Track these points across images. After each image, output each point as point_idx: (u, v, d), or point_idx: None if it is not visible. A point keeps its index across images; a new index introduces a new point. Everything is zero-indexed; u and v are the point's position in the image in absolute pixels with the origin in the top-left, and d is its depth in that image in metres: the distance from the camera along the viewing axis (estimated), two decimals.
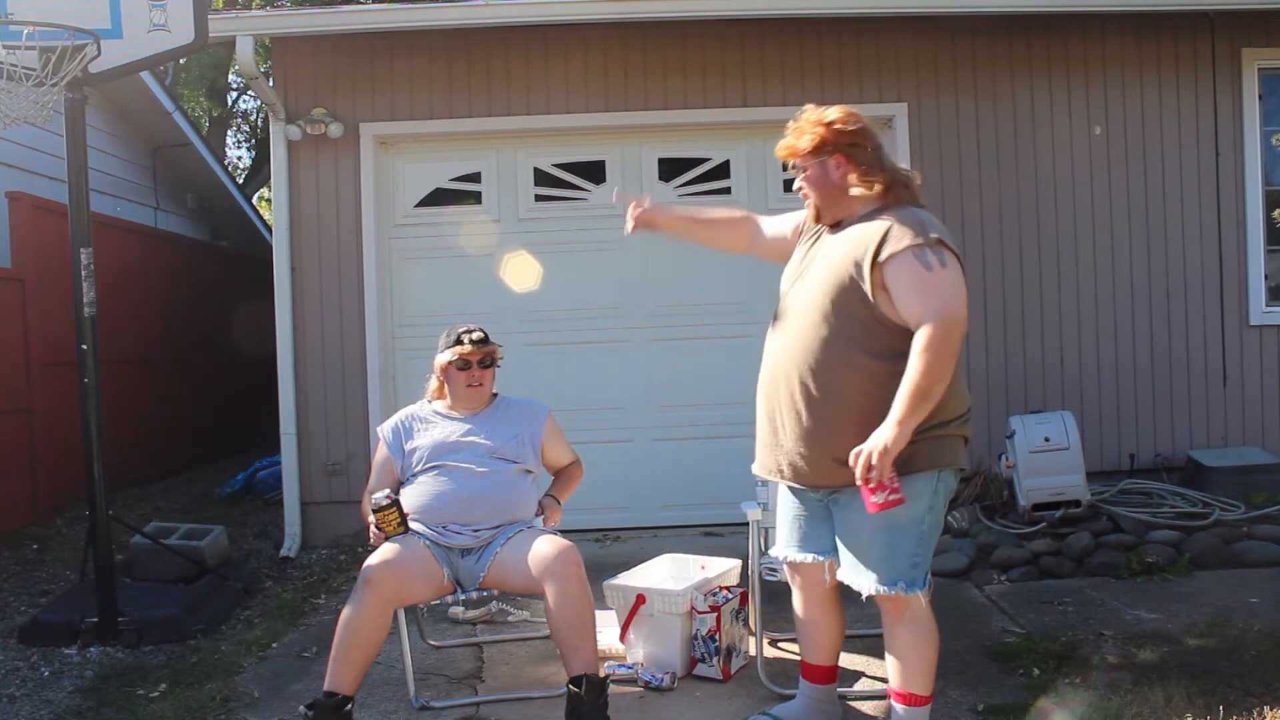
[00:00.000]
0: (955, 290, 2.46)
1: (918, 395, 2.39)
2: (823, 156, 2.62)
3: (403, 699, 3.27)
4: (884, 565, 2.57)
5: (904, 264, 2.46)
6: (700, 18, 5.44)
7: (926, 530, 2.59)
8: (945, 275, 2.45)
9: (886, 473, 2.41)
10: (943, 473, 2.59)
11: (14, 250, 6.15)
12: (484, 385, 3.42)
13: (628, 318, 5.81)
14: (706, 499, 5.56)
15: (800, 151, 2.64)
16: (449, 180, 5.85)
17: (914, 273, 2.45)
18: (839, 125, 2.59)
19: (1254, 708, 2.92)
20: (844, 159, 2.60)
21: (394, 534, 3.11)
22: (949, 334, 2.40)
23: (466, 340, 3.37)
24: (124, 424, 6.62)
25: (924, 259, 2.45)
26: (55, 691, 3.62)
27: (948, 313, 2.41)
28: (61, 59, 3.85)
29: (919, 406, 2.40)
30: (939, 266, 2.45)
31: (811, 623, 2.92)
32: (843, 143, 2.59)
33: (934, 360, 2.38)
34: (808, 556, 2.78)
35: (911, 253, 2.45)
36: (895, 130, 5.67)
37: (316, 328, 5.63)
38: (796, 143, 2.65)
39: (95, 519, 4.11)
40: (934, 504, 2.58)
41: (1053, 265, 5.69)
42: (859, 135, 2.60)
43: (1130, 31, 5.69)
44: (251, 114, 17.13)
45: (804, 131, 2.63)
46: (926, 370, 2.38)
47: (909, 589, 2.56)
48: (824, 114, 2.62)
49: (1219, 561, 4.54)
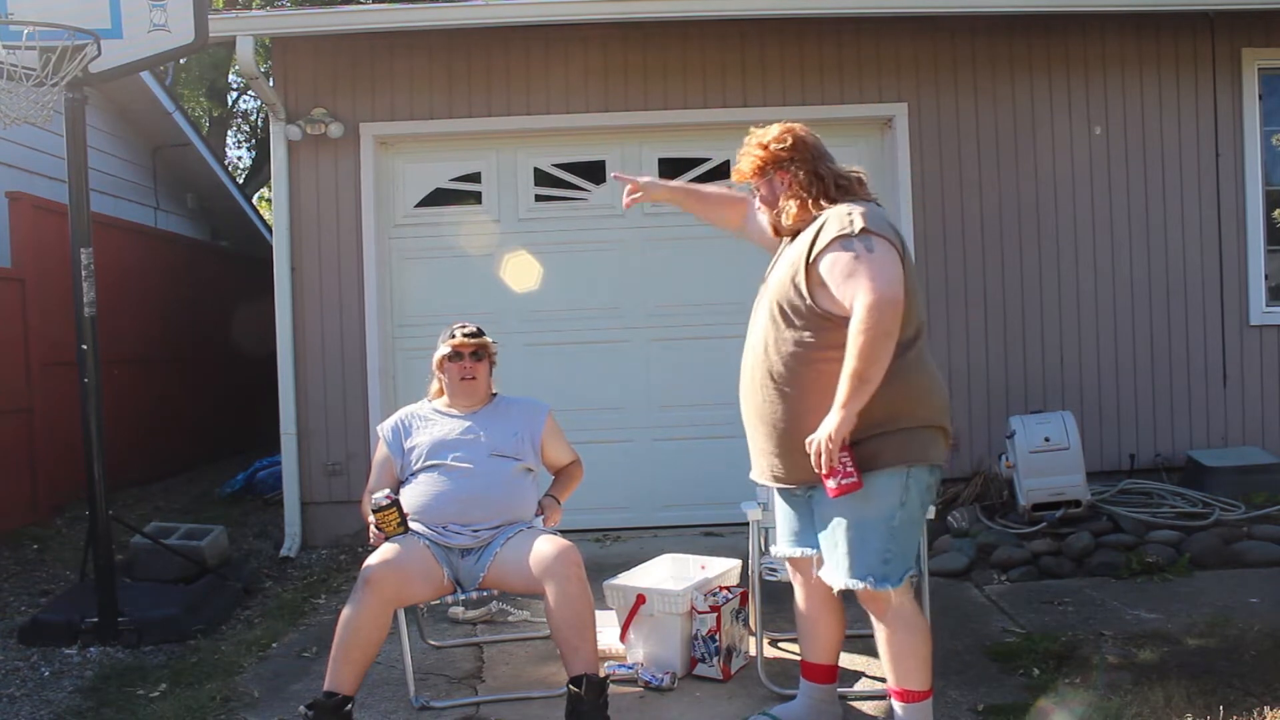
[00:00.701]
0: (883, 273, 2.51)
1: (855, 378, 2.46)
2: (767, 175, 2.78)
3: (403, 699, 3.27)
4: (853, 559, 2.62)
5: (832, 255, 2.56)
6: (700, 18, 5.44)
7: (899, 526, 2.62)
8: (872, 259, 2.52)
9: (836, 457, 2.48)
10: (913, 468, 2.61)
11: (14, 250, 6.15)
12: (478, 379, 3.43)
13: (628, 318, 5.81)
14: (706, 499, 5.56)
15: (745, 174, 2.82)
16: (449, 180, 5.85)
17: (842, 262, 2.54)
18: (774, 145, 2.74)
19: (1254, 708, 2.92)
20: (784, 174, 2.74)
21: (394, 534, 3.11)
22: (880, 316, 2.45)
23: (459, 333, 3.43)
24: (124, 424, 6.62)
25: (850, 248, 2.54)
26: (55, 691, 3.62)
27: (875, 295, 2.47)
28: (61, 59, 3.85)
29: (859, 389, 2.47)
30: (865, 253, 2.53)
31: (812, 621, 2.94)
32: (781, 160, 2.73)
33: (867, 343, 2.45)
34: (799, 551, 2.85)
35: (839, 244, 2.55)
36: (895, 130, 5.67)
37: (316, 328, 5.63)
38: (743, 167, 2.82)
39: (95, 519, 4.11)
40: (906, 500, 2.61)
41: (1053, 265, 5.69)
42: (794, 150, 2.73)
43: (1130, 31, 5.69)
44: (251, 114, 17.14)
45: (746, 154, 2.80)
46: (860, 353, 2.45)
47: (878, 584, 2.59)
48: (763, 135, 2.78)
49: (1219, 561, 4.54)
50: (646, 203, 3.26)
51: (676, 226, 5.79)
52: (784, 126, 2.77)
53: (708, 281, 5.75)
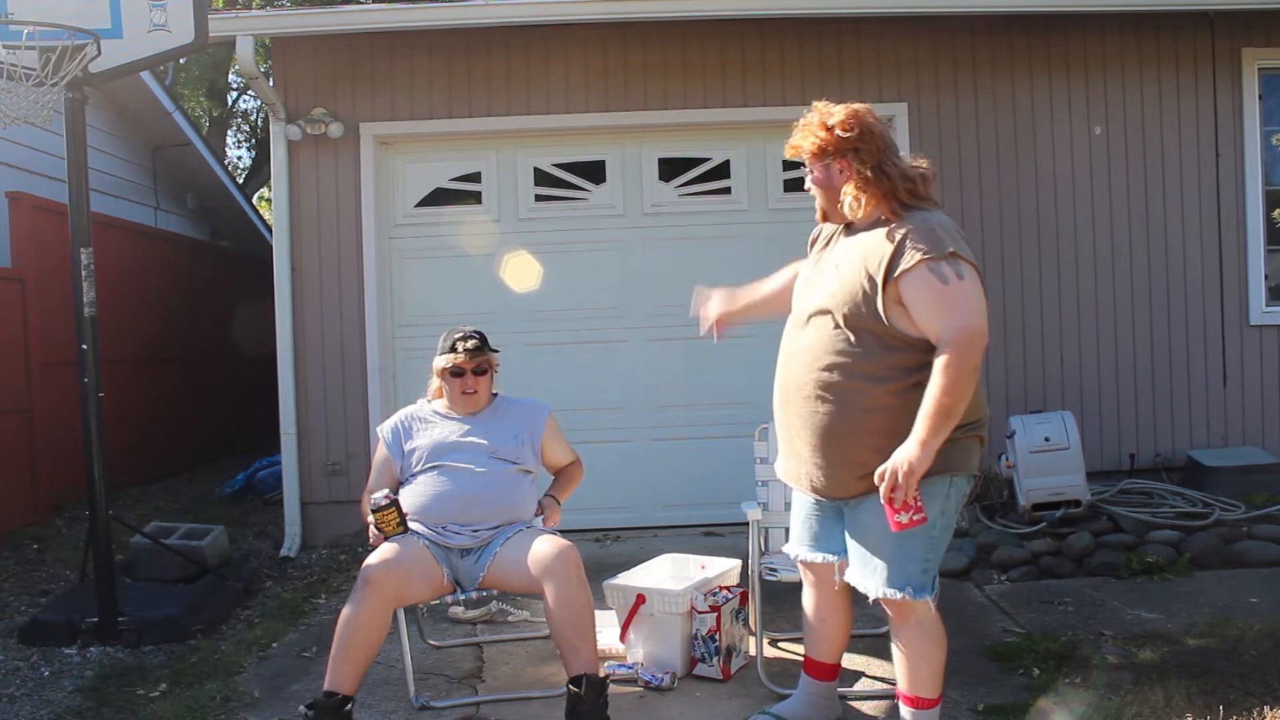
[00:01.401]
0: (974, 303, 2.40)
1: (941, 414, 2.34)
2: (826, 160, 2.59)
3: (403, 699, 3.27)
4: (893, 568, 2.54)
5: (919, 279, 2.40)
6: (700, 18, 5.43)
7: (938, 535, 2.57)
8: (962, 288, 2.39)
9: (911, 493, 2.38)
10: (955, 478, 2.54)
11: (14, 250, 6.15)
12: (479, 393, 3.43)
13: (627, 318, 5.81)
14: (706, 499, 5.56)
15: (803, 152, 2.63)
16: (449, 180, 5.85)
17: (930, 288, 2.39)
18: (840, 130, 2.54)
19: (1254, 708, 2.92)
20: (845, 164, 2.56)
21: (393, 534, 3.11)
22: (970, 349, 2.35)
23: (461, 349, 3.36)
24: (124, 424, 6.61)
25: (940, 273, 2.39)
26: (55, 691, 3.62)
27: (968, 328, 2.36)
28: (61, 59, 3.85)
29: (943, 425, 2.35)
30: (955, 280, 2.39)
31: (820, 621, 2.92)
32: (845, 147, 2.54)
33: (955, 377, 2.33)
34: (819, 556, 2.78)
35: (926, 267, 2.39)
36: (895, 130, 5.66)
37: (316, 328, 5.63)
38: (801, 143, 2.62)
39: (95, 519, 4.10)
40: (945, 509, 2.55)
41: (1053, 265, 5.69)
42: (861, 140, 2.53)
43: (1130, 31, 5.69)
44: (251, 114, 17.14)
45: (808, 134, 2.59)
46: (948, 388, 2.33)
47: (917, 594, 2.53)
48: (828, 115, 2.57)
49: (1219, 561, 4.54)
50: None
51: (677, 226, 5.80)
52: (851, 110, 2.56)
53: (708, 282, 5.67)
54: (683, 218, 5.80)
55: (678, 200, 5.82)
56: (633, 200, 5.82)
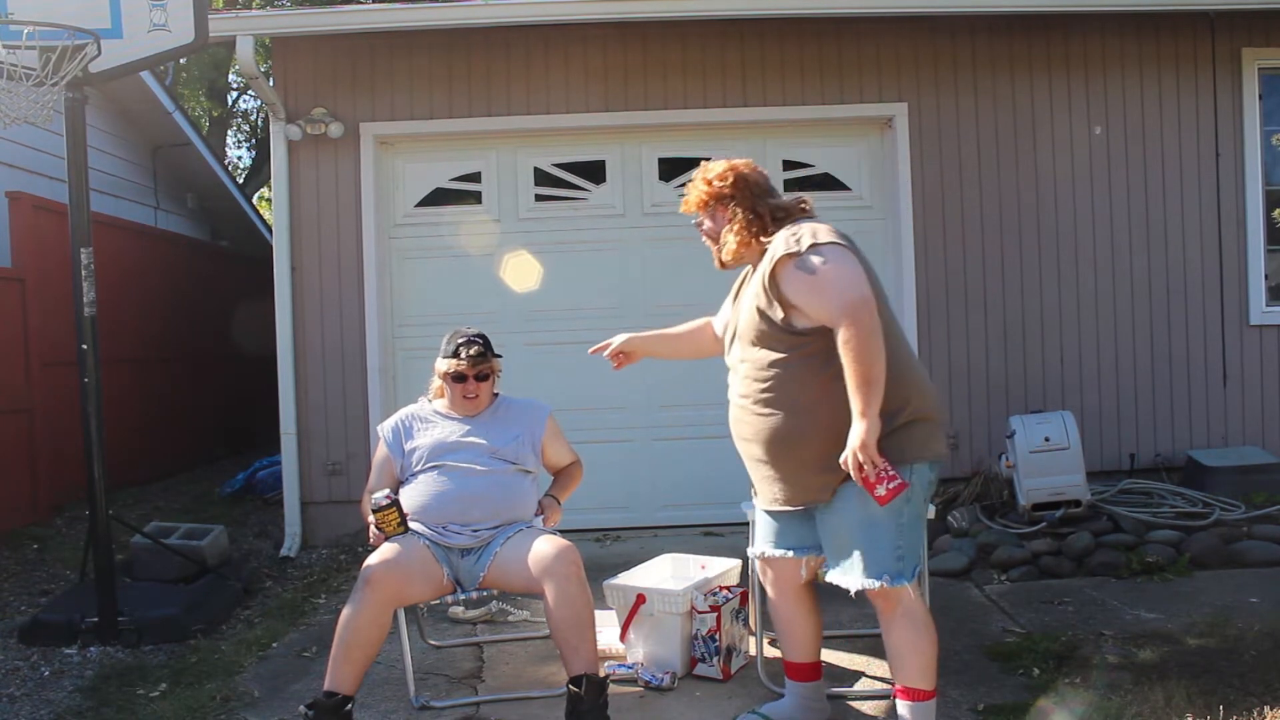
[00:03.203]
0: (846, 278, 2.59)
1: (863, 383, 2.51)
2: (710, 209, 2.90)
3: (403, 699, 3.27)
4: (867, 559, 2.64)
5: (792, 277, 2.63)
6: (700, 18, 5.44)
7: (907, 522, 2.66)
8: (829, 270, 2.60)
9: (878, 463, 2.50)
10: (915, 465, 2.65)
11: (14, 250, 6.15)
12: (480, 397, 3.43)
13: (628, 318, 5.79)
14: (706, 499, 5.56)
15: (691, 206, 2.95)
16: (449, 180, 5.85)
17: (803, 281, 2.62)
18: (716, 181, 2.85)
19: (1254, 708, 2.92)
20: (723, 210, 2.86)
21: (394, 534, 3.12)
22: (858, 317, 2.52)
23: (464, 354, 3.36)
24: (124, 424, 6.62)
25: (805, 266, 2.61)
26: (55, 691, 3.63)
27: (847, 300, 2.54)
28: (61, 59, 3.85)
29: (870, 393, 2.51)
30: (821, 266, 2.60)
31: (788, 620, 2.99)
32: (723, 196, 2.84)
33: (859, 346, 2.51)
34: (779, 552, 2.88)
35: (792, 265, 2.62)
36: (895, 130, 5.67)
37: (316, 327, 5.63)
38: (689, 198, 2.94)
39: (95, 519, 4.10)
40: (911, 496, 2.63)
41: (1053, 265, 5.69)
42: (735, 187, 2.82)
43: (1130, 31, 5.69)
44: (251, 114, 17.15)
45: (693, 188, 2.92)
46: (857, 357, 2.51)
47: (894, 580, 2.63)
48: (706, 170, 2.89)
49: (1219, 561, 4.54)
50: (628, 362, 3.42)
51: (677, 227, 5.76)
52: (728, 164, 2.87)
53: (708, 281, 5.68)
54: (682, 218, 5.68)
55: (677, 200, 5.74)
56: (633, 200, 5.82)
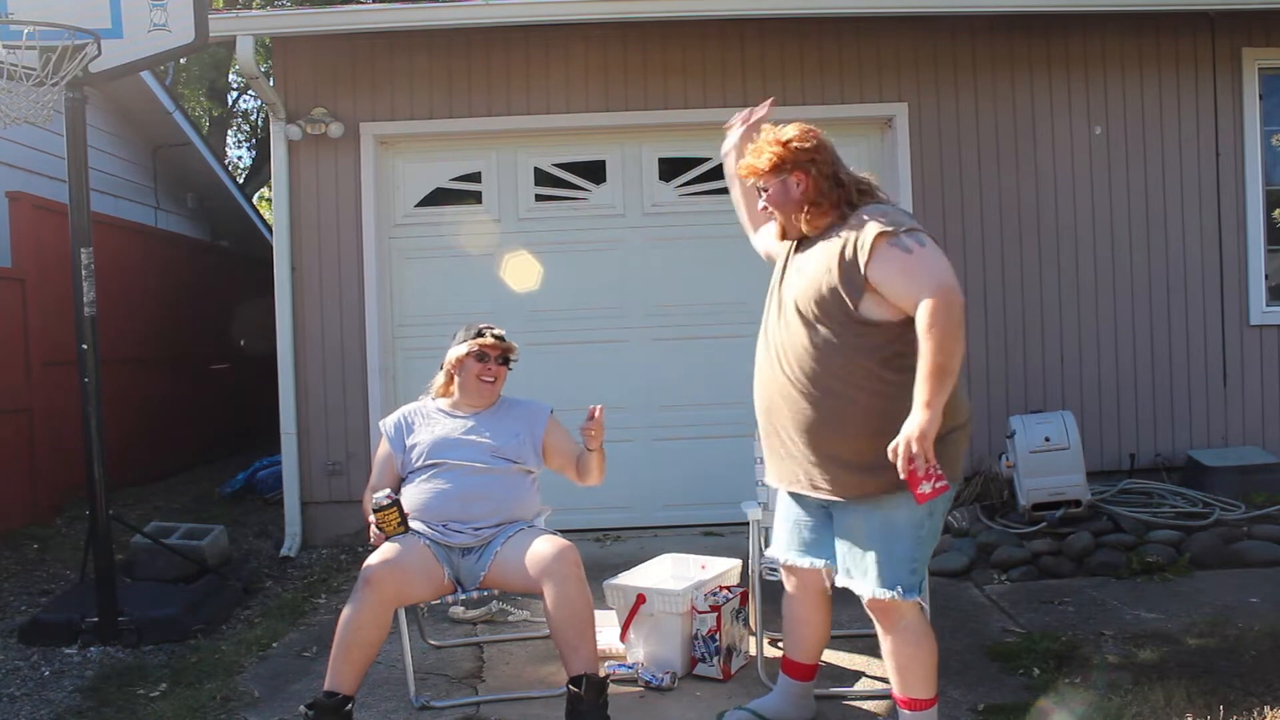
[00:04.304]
0: (941, 264, 2.49)
1: (937, 373, 2.39)
2: (783, 175, 2.66)
3: (403, 699, 3.27)
4: (883, 570, 2.58)
5: (885, 256, 2.49)
6: (700, 18, 5.43)
7: (925, 536, 2.61)
8: (926, 254, 2.49)
9: (931, 459, 2.38)
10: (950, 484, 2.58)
11: (14, 250, 6.15)
12: (496, 381, 3.42)
13: (628, 317, 5.81)
14: (706, 499, 5.56)
15: (760, 170, 2.69)
16: (449, 180, 5.85)
17: (896, 261, 2.48)
18: (795, 143, 2.64)
19: (1254, 708, 2.92)
20: (803, 175, 2.64)
21: (394, 534, 3.11)
22: (949, 305, 2.41)
23: (489, 333, 3.39)
24: (124, 424, 6.62)
25: (901, 245, 2.48)
26: (56, 691, 3.62)
27: (942, 285, 2.43)
28: (62, 59, 3.84)
29: (942, 384, 2.39)
30: (918, 247, 2.48)
31: (801, 622, 2.97)
32: (800, 160, 2.63)
33: (942, 334, 2.39)
34: (806, 561, 2.81)
35: (886, 243, 2.49)
36: (895, 130, 5.67)
37: (317, 327, 5.63)
38: (756, 162, 2.69)
39: (95, 519, 4.10)
40: (933, 510, 2.58)
41: (1053, 265, 5.69)
42: (816, 152, 2.64)
43: (1130, 31, 5.69)
44: (251, 114, 17.14)
45: (762, 151, 2.68)
46: (938, 346, 2.38)
47: (906, 594, 2.57)
48: (781, 132, 2.68)
49: (1219, 561, 4.54)
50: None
51: (677, 226, 5.80)
52: (804, 126, 2.67)
53: (708, 281, 5.74)
54: (683, 218, 5.81)
55: (678, 200, 5.82)
56: (633, 200, 5.82)
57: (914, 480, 2.40)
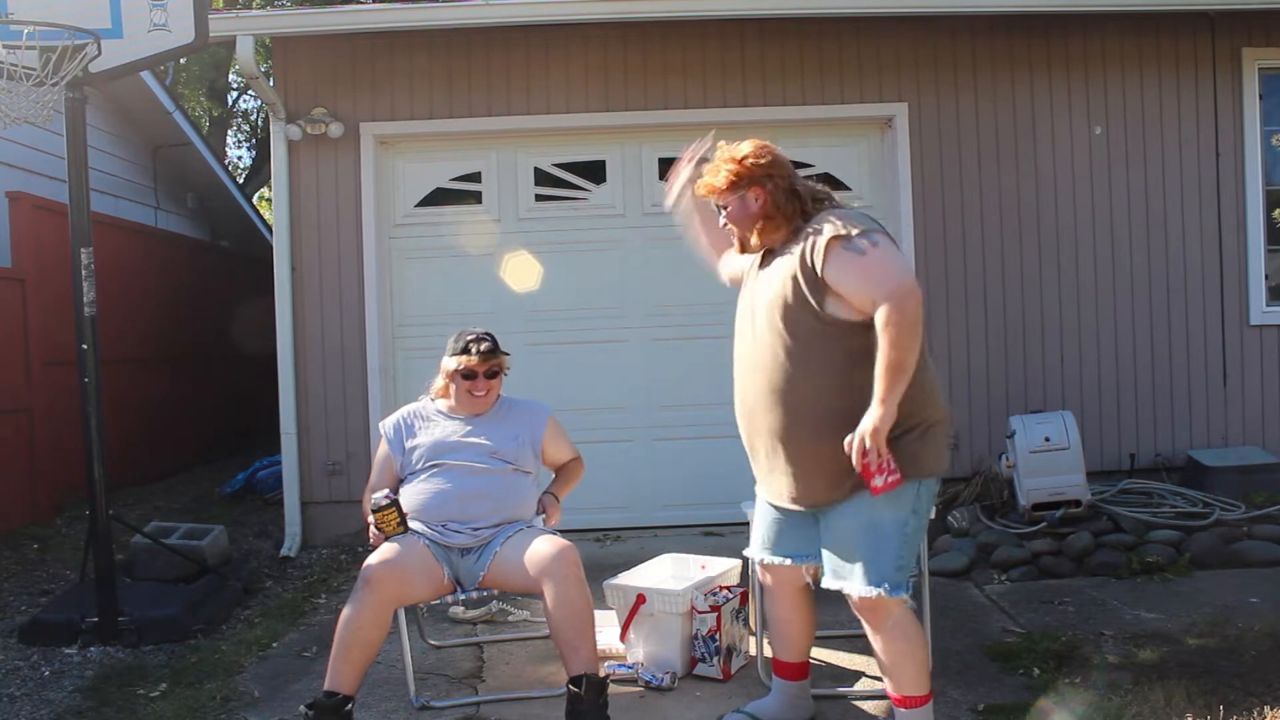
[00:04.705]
0: (896, 264, 2.54)
1: (893, 369, 2.44)
2: (740, 191, 2.72)
3: (403, 699, 3.27)
4: (869, 568, 2.61)
5: (839, 259, 2.54)
6: (700, 18, 5.43)
7: (911, 533, 2.64)
8: (880, 254, 2.53)
9: (883, 452, 2.45)
10: (924, 480, 2.63)
11: (14, 250, 6.15)
12: (488, 395, 3.42)
13: (628, 318, 5.81)
14: (706, 499, 5.56)
15: (718, 189, 2.74)
16: (449, 180, 5.85)
17: (851, 263, 2.53)
18: (751, 160, 2.70)
19: (1254, 708, 2.92)
20: (760, 190, 2.70)
21: (393, 534, 3.12)
22: (905, 303, 2.45)
23: (474, 351, 3.35)
24: (124, 424, 6.62)
25: (854, 247, 2.53)
26: (56, 691, 3.62)
27: (897, 285, 2.48)
28: (62, 59, 3.84)
29: (897, 380, 2.45)
30: (871, 248, 2.53)
31: (784, 621, 2.99)
32: (758, 175, 2.69)
33: (898, 332, 2.44)
34: (778, 559, 2.86)
35: (841, 246, 2.54)
36: (895, 130, 5.67)
37: (317, 327, 5.63)
38: (714, 180, 2.75)
39: (95, 519, 4.10)
40: (917, 507, 2.62)
41: (1053, 265, 5.69)
42: (772, 167, 2.70)
43: (1130, 31, 5.69)
44: (251, 114, 17.14)
45: (719, 169, 2.73)
46: (894, 343, 2.44)
47: (892, 591, 2.59)
48: (736, 150, 2.73)
49: (1219, 561, 4.54)
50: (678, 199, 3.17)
51: (677, 226, 5.77)
52: (759, 142, 2.75)
53: (708, 281, 5.66)
54: None
55: None
56: (633, 200, 5.82)
57: (867, 473, 2.48)
